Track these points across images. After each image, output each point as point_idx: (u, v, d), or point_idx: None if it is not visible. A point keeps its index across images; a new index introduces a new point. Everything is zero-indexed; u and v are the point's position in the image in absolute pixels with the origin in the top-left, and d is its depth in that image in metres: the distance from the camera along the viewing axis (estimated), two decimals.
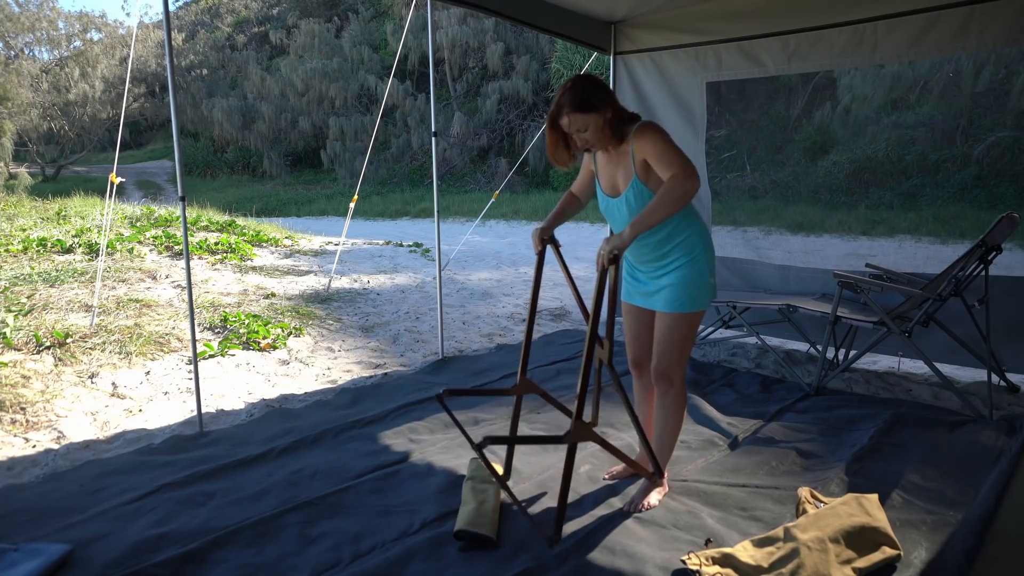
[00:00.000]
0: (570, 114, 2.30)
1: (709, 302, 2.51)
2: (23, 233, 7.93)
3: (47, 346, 4.32)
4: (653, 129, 2.30)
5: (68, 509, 2.56)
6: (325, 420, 3.44)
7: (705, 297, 2.47)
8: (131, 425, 3.48)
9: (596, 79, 2.38)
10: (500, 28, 21.38)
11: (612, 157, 2.44)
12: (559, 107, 2.33)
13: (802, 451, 3.02)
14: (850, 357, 3.93)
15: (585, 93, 2.30)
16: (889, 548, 2.17)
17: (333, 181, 21.85)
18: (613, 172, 2.46)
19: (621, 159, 2.41)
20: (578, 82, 2.33)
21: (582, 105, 2.29)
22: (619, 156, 2.41)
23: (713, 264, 2.50)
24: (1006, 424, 3.26)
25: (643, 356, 2.66)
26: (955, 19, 3.69)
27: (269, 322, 5.22)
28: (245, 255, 7.97)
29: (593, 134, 2.33)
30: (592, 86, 2.33)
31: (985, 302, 3.48)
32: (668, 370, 2.48)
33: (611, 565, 2.18)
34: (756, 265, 4.78)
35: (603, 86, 2.36)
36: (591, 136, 2.34)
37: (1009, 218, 3.33)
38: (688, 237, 2.41)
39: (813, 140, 14.08)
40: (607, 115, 2.31)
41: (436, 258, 4.68)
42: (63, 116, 24.10)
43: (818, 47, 4.17)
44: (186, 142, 26.98)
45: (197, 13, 37.35)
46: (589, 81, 2.34)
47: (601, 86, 2.35)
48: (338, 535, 2.36)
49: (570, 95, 2.30)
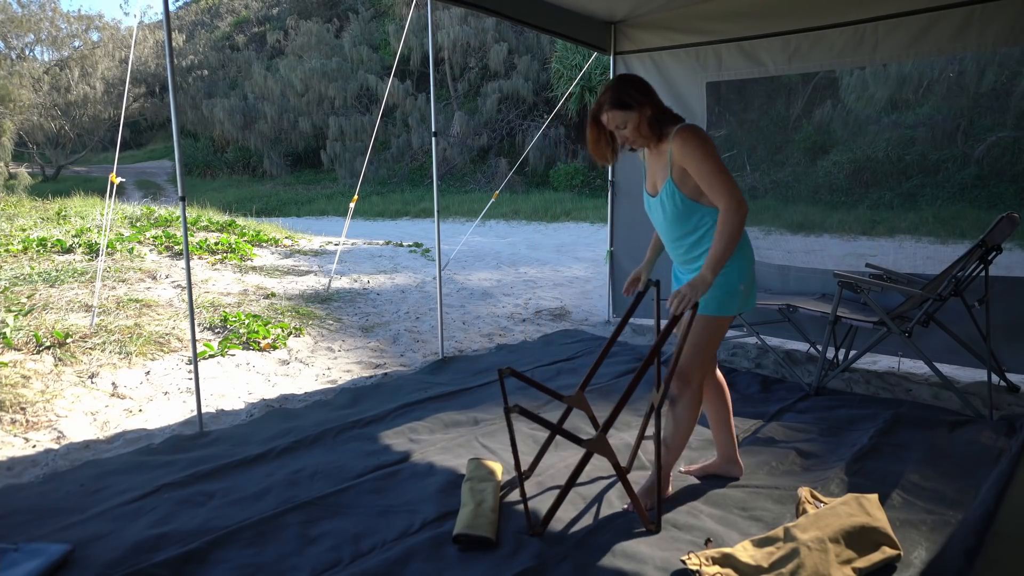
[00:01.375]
0: (609, 111, 2.38)
1: (739, 309, 2.52)
2: (23, 233, 7.93)
3: (47, 346, 4.32)
4: (693, 138, 2.33)
5: (68, 509, 2.56)
6: (325, 420, 3.44)
7: (734, 303, 2.48)
8: (131, 425, 3.48)
9: (637, 78, 2.45)
10: (500, 28, 21.38)
11: (654, 155, 2.50)
12: (600, 104, 2.41)
13: (802, 451, 3.02)
14: (850, 357, 3.93)
15: (623, 91, 2.38)
16: (889, 548, 2.17)
17: (333, 181, 21.85)
18: (654, 170, 2.52)
19: (661, 157, 2.47)
20: (619, 81, 2.42)
21: (619, 103, 2.37)
22: (659, 155, 2.47)
23: (748, 271, 2.52)
24: (1006, 424, 3.26)
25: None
26: (955, 19, 3.69)
27: (269, 322, 5.22)
28: (245, 255, 7.98)
29: (632, 131, 2.40)
30: (631, 85, 2.40)
31: (985, 302, 3.48)
32: (686, 370, 2.48)
33: (611, 565, 2.18)
34: (756, 265, 4.78)
35: (643, 85, 2.41)
36: (630, 133, 2.41)
37: (1009, 218, 3.33)
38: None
39: (813, 140, 14.08)
40: (646, 113, 2.37)
41: (436, 258, 4.68)
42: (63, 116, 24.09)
43: (819, 47, 4.17)
44: (186, 142, 27.00)
45: (197, 13, 37.36)
46: (629, 80, 2.42)
47: (640, 85, 2.41)
48: (338, 535, 2.36)
49: (611, 93, 2.38)
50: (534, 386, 2.66)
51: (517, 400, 3.57)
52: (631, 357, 4.50)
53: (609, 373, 4.15)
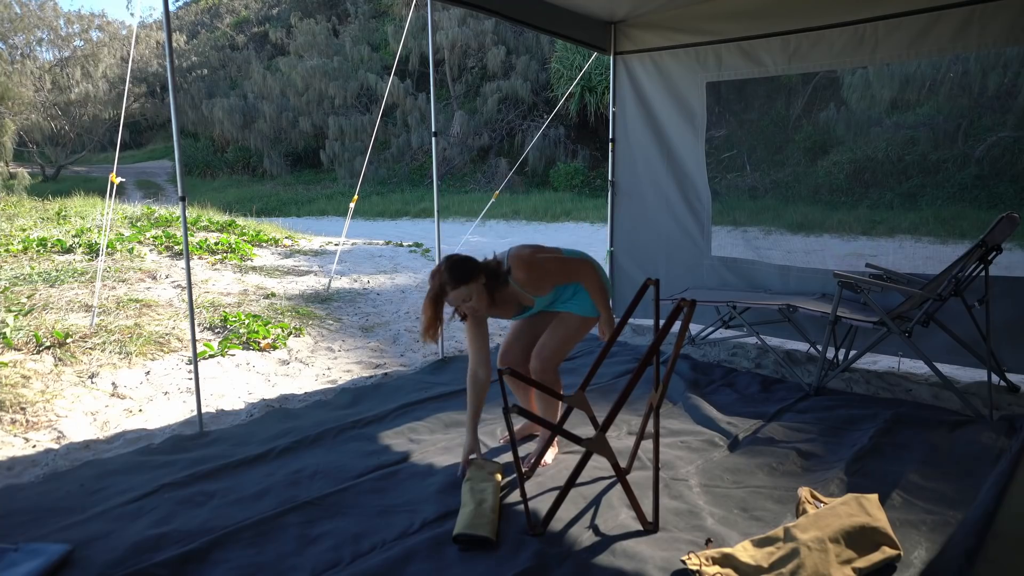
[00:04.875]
0: (453, 290, 2.53)
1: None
2: (23, 233, 7.94)
3: (47, 346, 4.32)
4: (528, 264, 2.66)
5: (68, 509, 2.56)
6: (325, 420, 3.44)
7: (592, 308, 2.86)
8: (131, 425, 3.48)
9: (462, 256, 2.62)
10: (499, 29, 21.36)
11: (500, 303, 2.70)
12: (441, 287, 2.54)
13: (802, 451, 3.02)
14: (850, 357, 3.93)
15: (459, 269, 2.55)
16: (889, 548, 2.17)
17: (333, 181, 21.84)
18: (507, 309, 2.78)
19: (510, 299, 2.72)
20: (448, 263, 2.57)
21: (461, 277, 2.53)
22: (508, 298, 2.70)
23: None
24: (1006, 424, 3.26)
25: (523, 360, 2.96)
26: (956, 19, 3.69)
27: (269, 322, 5.22)
28: (245, 255, 7.98)
29: (478, 300, 2.57)
30: (462, 262, 2.58)
31: (985, 302, 3.47)
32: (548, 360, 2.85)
33: (611, 565, 2.18)
34: (756, 265, 4.78)
35: (471, 258, 2.60)
36: (476, 303, 2.58)
37: (1009, 218, 3.33)
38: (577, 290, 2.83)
39: (813, 140, 14.08)
40: (481, 280, 2.57)
41: (436, 258, 4.68)
42: (64, 116, 24.08)
43: (819, 47, 4.17)
44: (186, 142, 26.97)
45: (197, 13, 37.34)
46: (458, 259, 2.59)
47: (469, 259, 2.60)
48: (338, 535, 2.36)
49: (447, 275, 2.53)
50: (534, 386, 2.68)
51: (517, 400, 3.57)
52: (631, 357, 4.50)
53: (609, 373, 4.15)
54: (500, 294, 2.66)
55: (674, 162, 4.92)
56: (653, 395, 2.47)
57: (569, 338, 2.85)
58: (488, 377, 2.81)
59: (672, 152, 4.92)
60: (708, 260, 4.90)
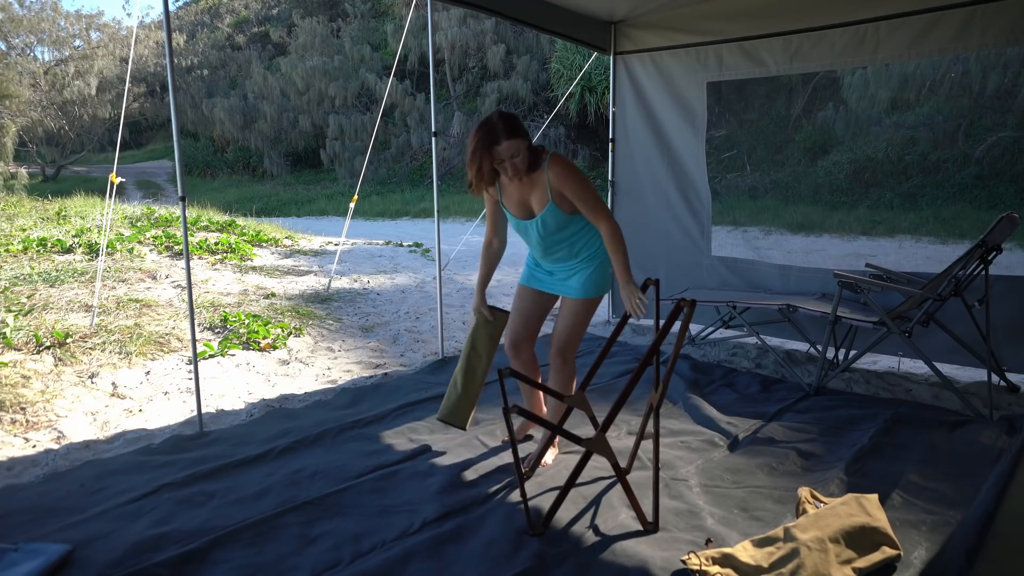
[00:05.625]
0: (507, 140, 2.49)
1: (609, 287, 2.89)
2: (23, 233, 7.94)
3: (47, 346, 4.32)
4: (570, 168, 2.59)
5: (68, 509, 2.56)
6: (325, 420, 3.44)
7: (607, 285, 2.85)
8: (131, 425, 3.48)
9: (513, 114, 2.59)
10: (499, 30, 21.36)
11: (520, 185, 2.67)
12: (495, 136, 2.49)
13: (802, 451, 3.02)
14: (850, 357, 3.93)
15: (516, 122, 2.52)
16: (889, 548, 2.17)
17: (333, 181, 21.84)
18: (525, 197, 2.69)
19: (534, 186, 2.64)
20: (502, 116, 2.52)
21: (516, 130, 2.49)
22: (531, 183, 2.64)
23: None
24: (1006, 424, 3.26)
25: (525, 337, 2.95)
26: (956, 19, 3.69)
27: (269, 322, 5.22)
28: (245, 255, 7.98)
29: (523, 160, 2.53)
30: (516, 117, 2.55)
31: (985, 302, 3.48)
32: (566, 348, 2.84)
33: (611, 565, 2.18)
34: (756, 265, 4.79)
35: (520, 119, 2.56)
36: (521, 161, 2.54)
37: (1009, 218, 3.33)
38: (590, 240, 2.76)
39: (813, 140, 14.08)
40: (528, 143, 2.54)
41: (436, 258, 4.68)
42: (63, 116, 24.08)
43: (820, 47, 4.17)
44: (186, 142, 26.98)
45: (197, 13, 37.34)
46: (511, 114, 2.55)
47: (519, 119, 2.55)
48: (338, 535, 2.36)
49: (503, 124, 2.49)
50: (534, 386, 2.69)
51: (517, 400, 3.57)
52: (631, 357, 4.50)
53: (609, 373, 4.15)
54: (531, 175, 2.63)
55: (674, 162, 4.92)
56: (653, 395, 2.47)
57: (580, 323, 2.83)
58: (501, 248, 2.96)
59: (672, 152, 4.92)
60: (708, 260, 4.91)
